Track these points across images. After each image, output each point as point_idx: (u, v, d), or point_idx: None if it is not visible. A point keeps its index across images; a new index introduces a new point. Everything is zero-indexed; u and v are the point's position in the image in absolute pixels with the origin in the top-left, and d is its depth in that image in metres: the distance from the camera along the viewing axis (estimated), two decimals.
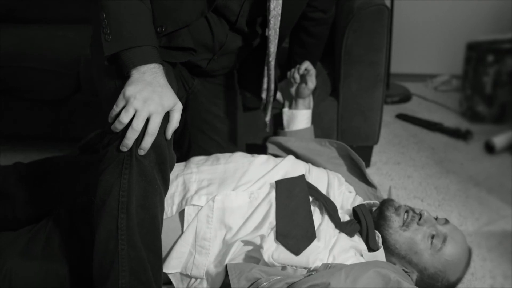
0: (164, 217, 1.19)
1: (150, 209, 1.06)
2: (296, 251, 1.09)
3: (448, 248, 1.17)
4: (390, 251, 1.18)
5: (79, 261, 1.14)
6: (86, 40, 1.32)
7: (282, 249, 1.09)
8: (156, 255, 1.07)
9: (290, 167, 1.30)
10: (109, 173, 1.05)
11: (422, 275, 1.18)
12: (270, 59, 1.31)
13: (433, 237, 1.17)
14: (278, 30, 1.27)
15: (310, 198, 1.19)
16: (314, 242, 1.10)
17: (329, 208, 1.18)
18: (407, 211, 1.21)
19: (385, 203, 1.22)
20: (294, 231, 1.11)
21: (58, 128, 1.92)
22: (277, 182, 1.21)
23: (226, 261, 1.13)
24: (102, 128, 1.12)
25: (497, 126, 2.31)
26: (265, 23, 1.28)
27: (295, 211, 1.15)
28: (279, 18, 1.25)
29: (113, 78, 1.14)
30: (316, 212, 1.19)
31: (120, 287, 1.02)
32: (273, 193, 1.19)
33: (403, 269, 1.18)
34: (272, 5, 1.22)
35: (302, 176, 1.23)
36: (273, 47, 1.29)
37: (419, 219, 1.19)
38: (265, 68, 1.35)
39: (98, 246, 1.04)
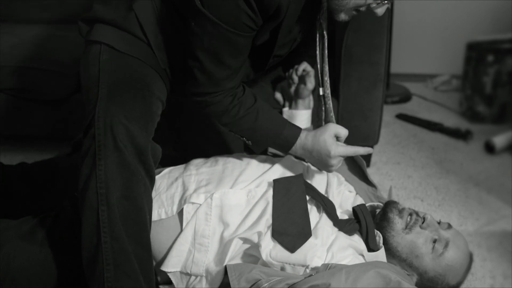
0: (164, 216, 1.20)
1: (135, 200, 1.07)
2: (292, 248, 1.09)
3: (449, 253, 1.17)
4: (391, 253, 1.18)
5: (80, 252, 1.14)
6: None
7: (279, 247, 1.10)
8: (143, 247, 1.08)
9: (288, 166, 1.30)
10: (84, 165, 1.07)
11: (422, 278, 1.18)
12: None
13: (435, 241, 1.17)
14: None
15: (307, 197, 1.20)
16: (311, 240, 1.11)
17: (327, 206, 1.18)
18: (410, 214, 1.21)
19: (389, 205, 1.22)
20: (290, 228, 1.12)
21: (58, 128, 1.91)
22: (274, 180, 1.21)
23: (226, 260, 1.13)
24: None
25: (497, 126, 2.31)
26: None
27: (291, 209, 1.16)
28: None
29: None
30: (313, 211, 1.19)
31: (105, 281, 1.02)
32: (270, 192, 1.19)
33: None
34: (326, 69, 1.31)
35: (300, 175, 1.24)
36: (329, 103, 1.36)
37: (422, 223, 1.19)
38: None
39: (83, 241, 1.05)
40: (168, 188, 1.25)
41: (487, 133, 2.19)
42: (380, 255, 1.16)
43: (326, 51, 1.26)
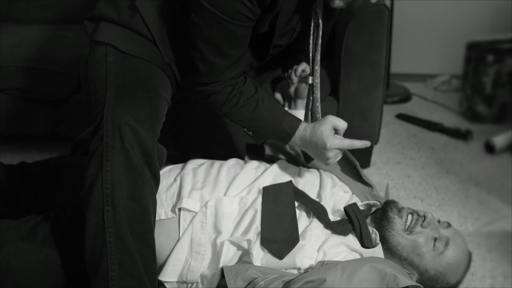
0: (164, 217, 1.20)
1: (140, 201, 1.07)
2: (280, 255, 1.10)
3: (450, 252, 1.17)
4: (391, 252, 1.18)
5: (81, 251, 1.14)
6: (86, 40, 1.32)
7: (269, 255, 1.11)
8: (148, 248, 1.08)
9: (279, 172, 1.31)
10: (91, 166, 1.08)
11: (423, 277, 1.18)
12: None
13: (435, 239, 1.17)
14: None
15: (297, 203, 1.20)
16: (299, 242, 1.11)
17: (317, 211, 1.18)
18: (411, 214, 1.21)
19: (389, 204, 1.22)
20: (278, 236, 1.12)
21: (58, 128, 1.92)
22: (264, 188, 1.22)
23: (220, 263, 1.14)
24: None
25: (497, 126, 2.31)
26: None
27: (280, 217, 1.16)
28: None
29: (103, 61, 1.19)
30: (303, 216, 1.19)
31: (110, 279, 1.03)
32: (260, 199, 1.20)
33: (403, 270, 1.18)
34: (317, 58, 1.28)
35: (290, 182, 1.25)
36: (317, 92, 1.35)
37: (423, 221, 1.19)
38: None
39: (87, 240, 1.06)
40: (168, 188, 1.25)
41: (487, 133, 2.19)
42: (377, 251, 1.16)
43: (320, 40, 1.26)
